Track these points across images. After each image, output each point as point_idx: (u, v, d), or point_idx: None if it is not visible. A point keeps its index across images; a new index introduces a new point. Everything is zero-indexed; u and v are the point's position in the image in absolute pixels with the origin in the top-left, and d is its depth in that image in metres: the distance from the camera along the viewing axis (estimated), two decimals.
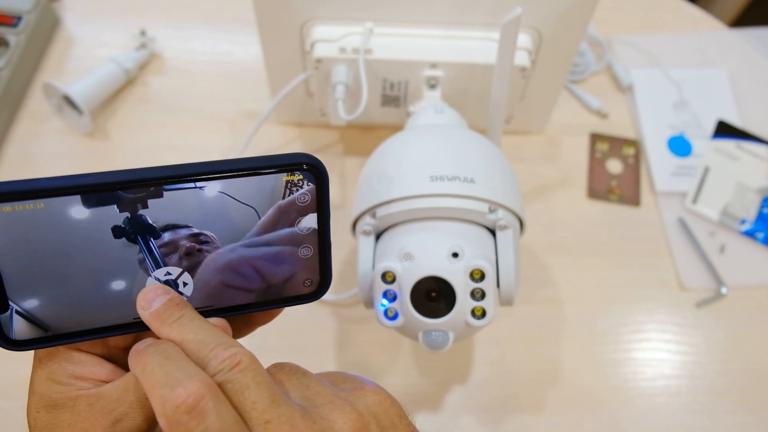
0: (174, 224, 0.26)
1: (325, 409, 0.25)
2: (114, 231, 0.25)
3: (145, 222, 0.25)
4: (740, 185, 0.63)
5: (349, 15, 0.51)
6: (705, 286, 0.58)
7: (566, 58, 0.56)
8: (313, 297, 0.30)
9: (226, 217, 0.26)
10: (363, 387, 0.27)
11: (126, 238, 0.25)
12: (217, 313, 0.28)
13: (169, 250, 0.26)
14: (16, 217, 0.23)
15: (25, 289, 0.24)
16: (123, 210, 0.25)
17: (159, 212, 0.25)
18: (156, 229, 0.25)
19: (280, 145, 0.64)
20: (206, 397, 0.22)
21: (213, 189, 0.25)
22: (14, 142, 0.63)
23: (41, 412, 0.26)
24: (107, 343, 0.28)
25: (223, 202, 0.26)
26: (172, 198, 0.25)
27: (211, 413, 0.21)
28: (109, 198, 0.24)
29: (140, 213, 0.25)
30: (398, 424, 0.26)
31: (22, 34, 0.65)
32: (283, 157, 0.26)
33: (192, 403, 0.21)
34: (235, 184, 0.26)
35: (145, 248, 0.26)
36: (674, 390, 0.53)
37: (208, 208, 0.26)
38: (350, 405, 0.25)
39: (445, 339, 0.39)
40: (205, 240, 0.26)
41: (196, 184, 0.25)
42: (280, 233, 0.27)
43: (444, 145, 0.44)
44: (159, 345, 0.24)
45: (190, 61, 0.69)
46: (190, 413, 0.21)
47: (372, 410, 0.26)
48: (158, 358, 0.23)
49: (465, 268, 0.38)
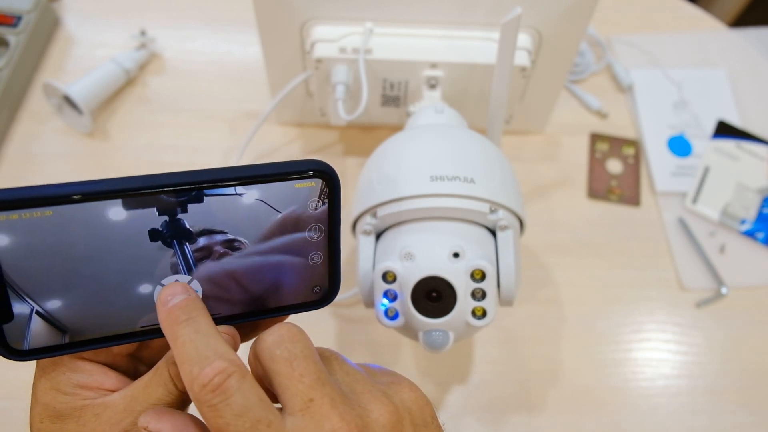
0: (210, 229, 0.26)
1: (364, 398, 0.25)
2: (151, 234, 0.25)
3: (182, 226, 0.25)
4: (740, 185, 0.63)
5: (349, 15, 0.51)
6: (705, 286, 0.58)
7: (566, 58, 0.56)
8: (321, 304, 0.29)
9: (260, 224, 0.26)
10: (400, 382, 0.27)
11: (162, 241, 0.25)
12: (226, 321, 0.27)
13: (202, 255, 0.26)
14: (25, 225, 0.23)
15: (47, 290, 0.24)
16: (162, 213, 0.24)
17: (197, 217, 0.25)
18: (192, 234, 0.25)
19: (280, 145, 0.64)
20: (232, 376, 0.22)
21: (251, 196, 0.25)
22: (14, 142, 0.63)
23: (45, 422, 0.26)
24: (112, 351, 0.28)
25: (259, 209, 0.26)
26: (212, 203, 0.25)
27: (235, 391, 0.22)
28: (151, 201, 0.24)
29: (179, 217, 0.25)
30: (430, 423, 0.26)
31: (22, 34, 0.65)
32: (295, 164, 0.26)
33: (218, 382, 0.22)
34: (271, 191, 0.26)
35: (179, 252, 0.26)
36: (674, 390, 0.53)
37: (243, 215, 0.26)
38: (387, 397, 0.25)
39: (446, 339, 0.39)
40: (238, 246, 0.26)
41: (236, 189, 0.25)
42: (290, 240, 0.27)
43: (444, 145, 0.44)
44: (190, 313, 0.24)
45: (190, 61, 0.69)
46: (215, 391, 0.22)
47: (407, 406, 0.26)
48: (189, 331, 0.24)
49: (466, 268, 0.38)
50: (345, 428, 0.23)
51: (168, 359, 0.26)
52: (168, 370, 0.25)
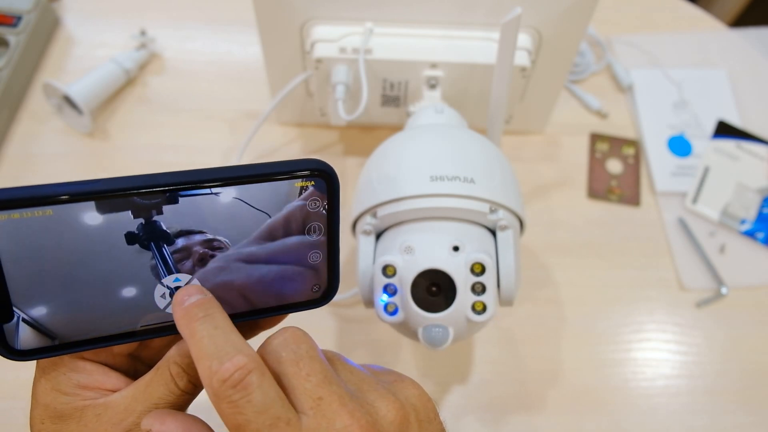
0: (188, 230, 0.25)
1: (371, 395, 0.25)
2: (127, 237, 0.25)
3: (158, 228, 0.25)
4: (740, 185, 0.63)
5: (349, 15, 0.51)
6: (705, 286, 0.58)
7: (566, 58, 0.56)
8: (320, 302, 0.29)
9: (240, 223, 0.26)
10: (403, 380, 0.27)
11: (139, 244, 0.25)
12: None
13: (182, 256, 0.26)
14: (25, 224, 0.23)
15: (32, 296, 0.24)
16: (137, 216, 0.24)
17: (173, 218, 0.25)
18: (170, 236, 0.25)
19: (281, 145, 0.64)
20: (253, 372, 0.22)
21: (228, 195, 0.25)
22: (14, 142, 0.63)
23: (46, 423, 0.26)
24: (112, 351, 0.28)
25: (238, 208, 0.26)
26: (188, 204, 0.25)
27: (256, 388, 0.22)
28: (124, 204, 0.24)
29: (155, 219, 0.25)
30: (434, 419, 0.27)
31: (22, 34, 0.65)
32: (294, 163, 0.26)
33: (238, 378, 0.22)
34: (250, 190, 0.25)
35: (158, 254, 0.25)
36: (674, 390, 0.53)
37: (222, 214, 0.26)
38: (393, 395, 0.26)
39: (446, 335, 0.38)
40: (218, 246, 0.26)
41: (211, 190, 0.25)
42: (291, 239, 0.27)
43: (444, 145, 0.44)
44: (208, 310, 0.24)
45: (190, 61, 0.69)
46: (236, 387, 0.22)
47: (412, 402, 0.26)
48: (207, 326, 0.24)
49: (465, 262, 0.38)
50: (356, 425, 0.23)
51: (169, 359, 0.26)
52: (169, 370, 0.25)
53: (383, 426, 0.24)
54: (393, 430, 0.24)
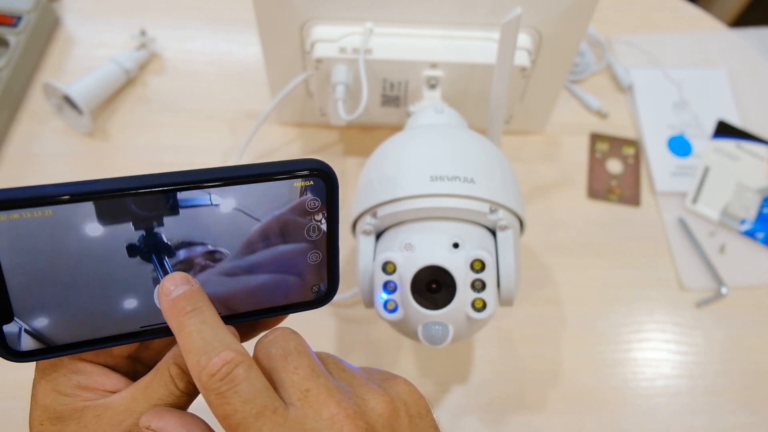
0: (189, 242, 0.26)
1: (360, 390, 0.25)
2: (129, 250, 0.25)
3: (160, 240, 0.25)
4: (740, 185, 0.63)
5: (349, 15, 0.51)
6: (705, 286, 0.58)
7: (566, 58, 0.56)
8: (320, 303, 0.30)
9: (241, 234, 0.26)
10: (395, 378, 0.28)
11: (141, 256, 0.25)
12: (226, 321, 0.27)
13: (183, 267, 0.26)
14: (25, 225, 0.23)
15: (32, 297, 0.24)
16: (138, 227, 0.24)
17: (174, 230, 0.25)
18: (171, 248, 0.25)
19: (281, 145, 0.64)
20: (240, 365, 0.23)
21: (228, 206, 0.25)
22: (14, 142, 0.63)
23: (45, 424, 0.26)
24: (111, 352, 0.28)
25: (238, 219, 0.26)
26: (188, 215, 0.25)
27: (243, 379, 0.23)
28: (125, 215, 0.24)
29: (156, 231, 0.25)
30: (425, 415, 0.27)
31: (22, 34, 0.65)
32: (293, 163, 0.26)
33: (225, 371, 0.23)
34: (249, 199, 0.25)
35: (159, 267, 0.26)
36: (674, 390, 0.53)
37: (223, 226, 0.26)
38: (383, 389, 0.26)
39: (446, 333, 0.38)
40: (219, 258, 0.26)
41: (211, 201, 0.25)
42: (290, 240, 0.27)
43: (444, 145, 0.44)
44: (195, 303, 0.25)
45: (190, 61, 0.69)
46: (223, 380, 0.23)
47: (403, 398, 0.26)
48: (196, 321, 0.24)
49: (465, 258, 0.38)
50: (342, 414, 0.23)
51: (168, 360, 0.26)
52: (169, 371, 0.25)
53: (371, 417, 0.24)
54: (382, 423, 0.24)
